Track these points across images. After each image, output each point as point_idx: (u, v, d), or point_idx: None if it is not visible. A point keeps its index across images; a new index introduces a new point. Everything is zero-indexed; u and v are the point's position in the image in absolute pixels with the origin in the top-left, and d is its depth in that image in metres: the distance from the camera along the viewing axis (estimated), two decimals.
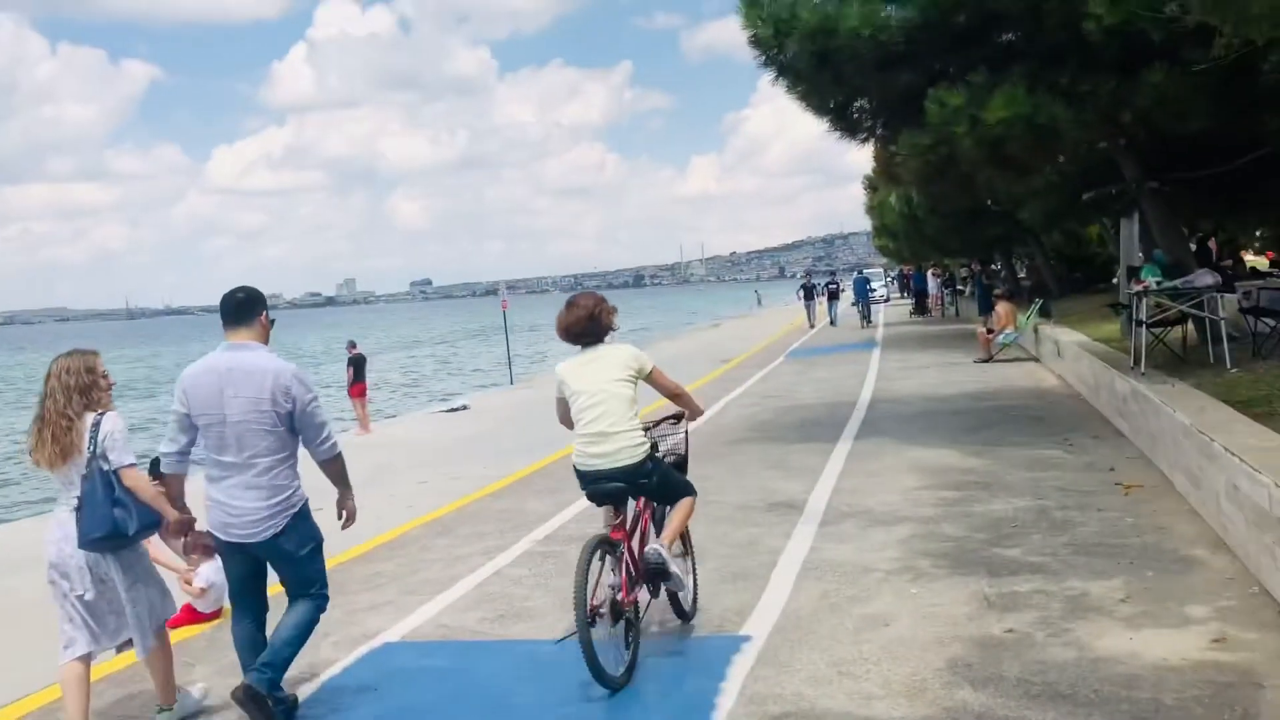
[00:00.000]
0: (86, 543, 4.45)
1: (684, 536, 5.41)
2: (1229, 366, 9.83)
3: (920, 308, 37.97)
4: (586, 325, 5.11)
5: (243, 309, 4.56)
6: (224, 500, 4.45)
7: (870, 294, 35.98)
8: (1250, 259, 28.56)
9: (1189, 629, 4.80)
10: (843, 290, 40.68)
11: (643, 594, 5.07)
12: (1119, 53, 9.94)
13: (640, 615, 5.02)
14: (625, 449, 4.91)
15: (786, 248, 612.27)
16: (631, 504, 5.19)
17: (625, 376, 5.03)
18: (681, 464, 5.48)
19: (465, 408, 20.38)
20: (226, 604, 5.51)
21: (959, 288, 38.86)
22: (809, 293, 36.86)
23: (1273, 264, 25.25)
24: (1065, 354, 14.44)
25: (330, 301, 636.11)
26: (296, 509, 4.52)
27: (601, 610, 4.65)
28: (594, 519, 8.02)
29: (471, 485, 10.30)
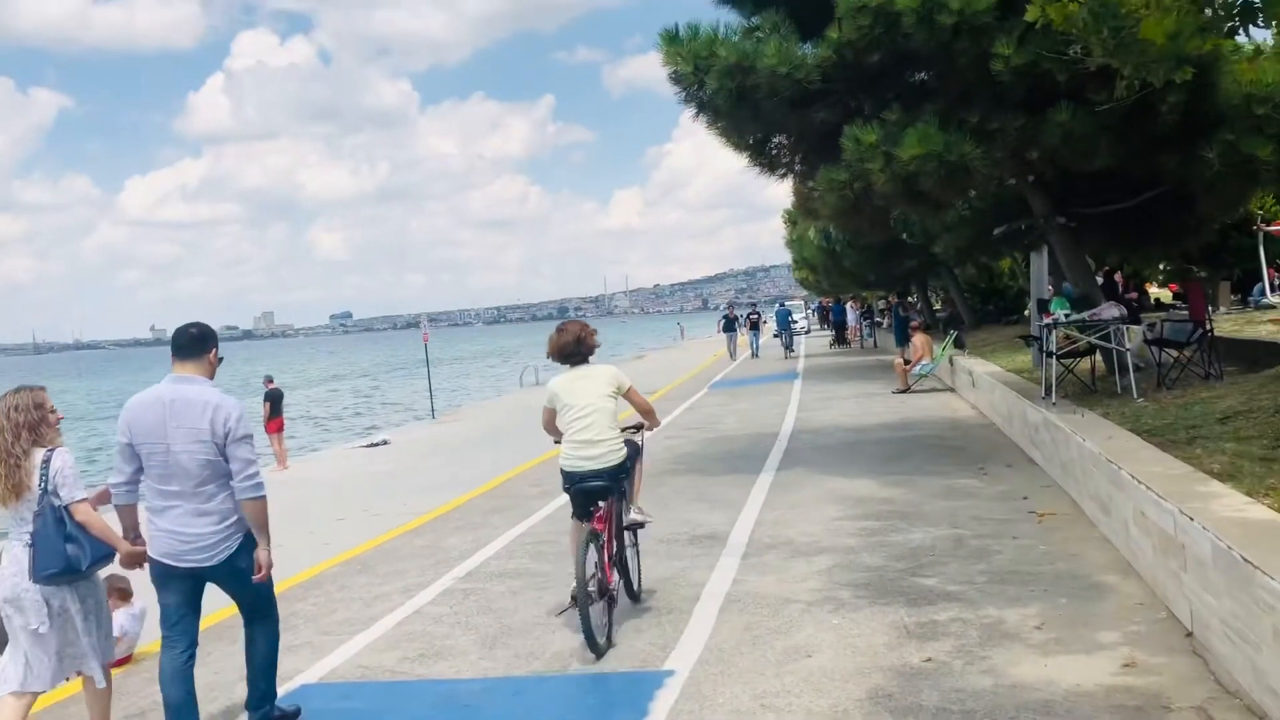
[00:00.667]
0: (41, 578, 4.46)
1: (634, 531, 6.42)
2: (1135, 396, 10.14)
3: (840, 339, 38.56)
4: (575, 347, 6.16)
5: (194, 344, 4.65)
6: (174, 529, 4.47)
7: (792, 325, 36.61)
8: (1154, 291, 29.57)
9: (1100, 654, 4.91)
10: (765, 322, 40.96)
11: (614, 575, 5.94)
12: (1026, 92, 10.27)
13: (616, 595, 5.92)
14: (609, 452, 5.94)
15: (710, 280, 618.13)
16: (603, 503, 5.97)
17: (610, 392, 6.04)
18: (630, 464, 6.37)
19: (386, 443, 20.08)
20: (136, 650, 5.36)
21: (877, 320, 39.55)
22: (730, 325, 36.57)
23: (1175, 296, 26.17)
24: (979, 385, 14.76)
25: (248, 335, 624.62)
26: (246, 530, 4.57)
27: (590, 589, 5.50)
28: (514, 555, 8.00)
29: (391, 522, 10.14)
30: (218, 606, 4.82)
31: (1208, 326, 11.06)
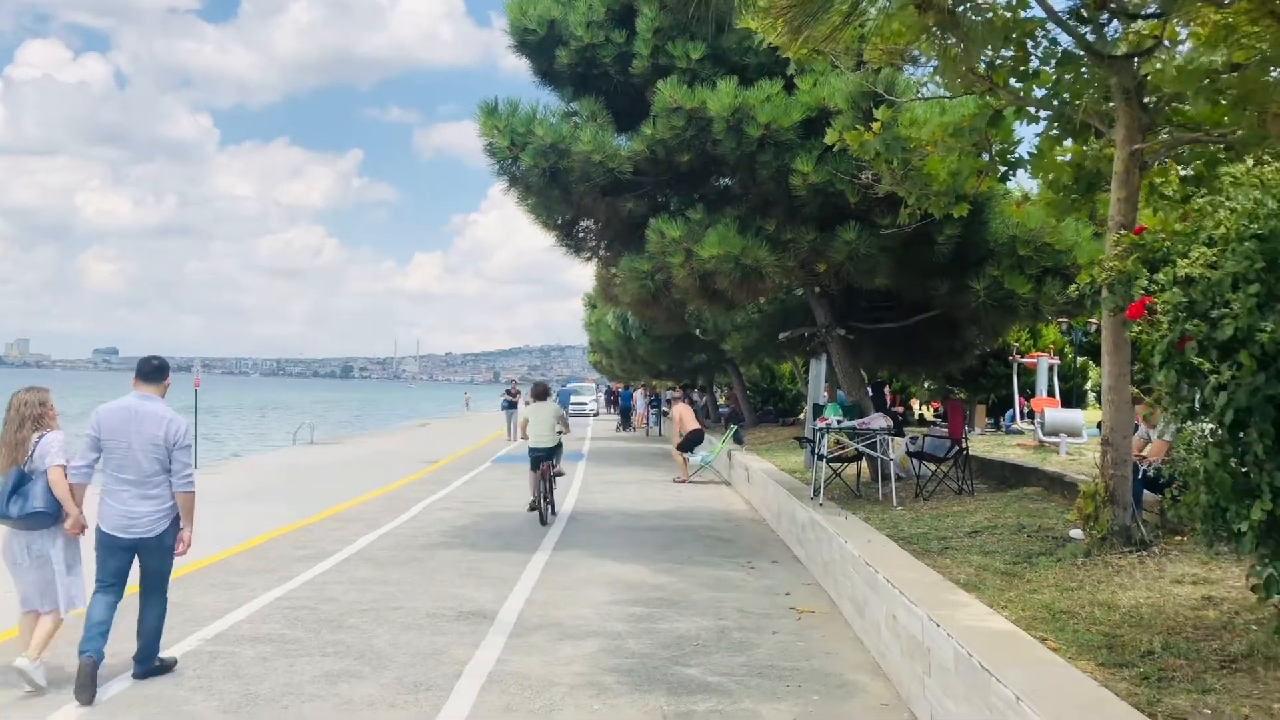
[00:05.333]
0: None
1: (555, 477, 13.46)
2: (895, 504, 10.72)
3: (626, 424, 39.20)
4: (543, 393, 13.77)
5: (156, 372, 6.23)
6: (123, 508, 5.97)
7: (581, 408, 37.46)
8: (918, 407, 31.49)
9: None
10: (528, 402, 40.63)
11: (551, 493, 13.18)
12: (820, 209, 10.91)
13: (551, 499, 13.09)
14: (550, 440, 12.95)
15: (504, 353, 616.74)
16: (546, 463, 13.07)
17: (554, 415, 13.10)
18: (560, 447, 13.44)
19: None
20: None
21: (664, 409, 40.44)
22: (511, 403, 32.57)
23: (936, 414, 27.95)
24: (754, 481, 15.24)
25: None
26: (175, 514, 6.13)
27: (540, 496, 12.67)
28: (269, 619, 7.62)
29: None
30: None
31: (964, 444, 11.85)
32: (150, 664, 6.15)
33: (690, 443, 19.84)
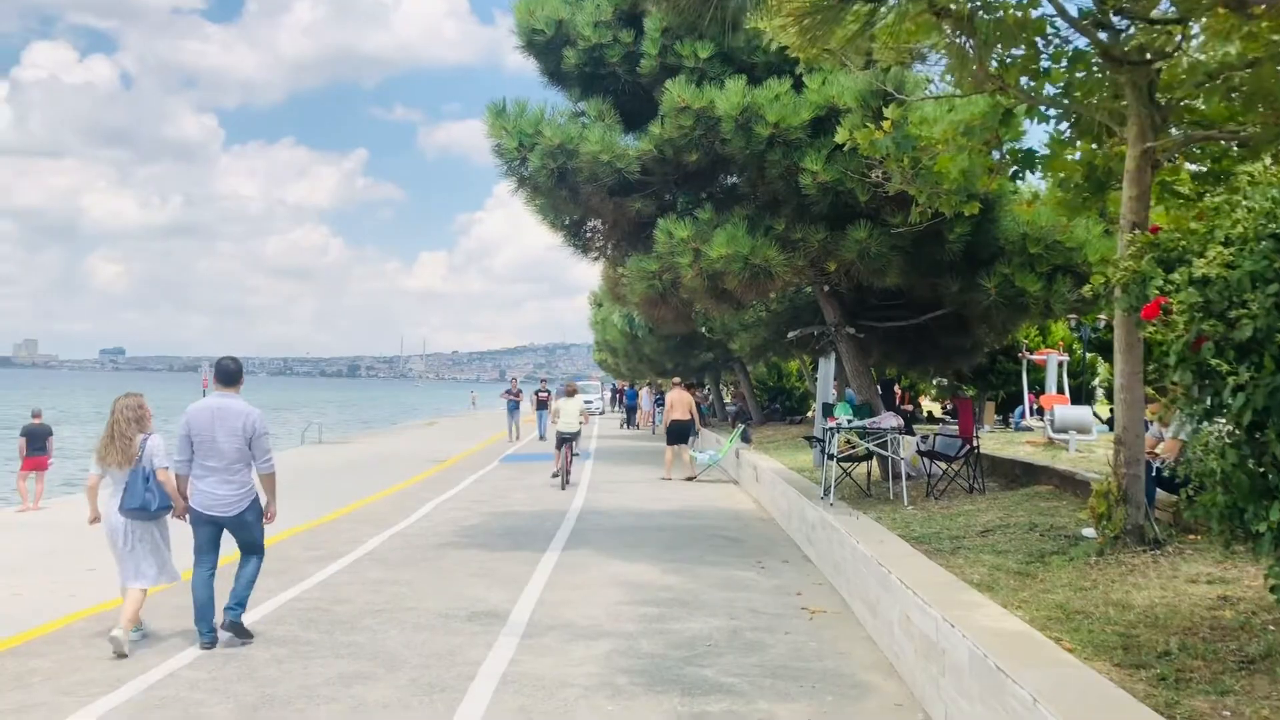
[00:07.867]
0: (125, 511, 6.88)
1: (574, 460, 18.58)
2: (906, 504, 10.70)
3: (631, 421, 39.25)
4: (573, 389, 19.74)
5: (233, 375, 7.23)
6: (208, 490, 6.93)
7: (585, 407, 37.02)
8: (928, 405, 31.45)
9: None
10: (532, 400, 39.48)
11: (570, 466, 18.00)
12: (830, 208, 10.87)
13: (569, 471, 17.80)
14: (575, 427, 18.03)
15: (509, 351, 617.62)
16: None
17: (580, 409, 18.52)
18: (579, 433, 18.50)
19: None
20: None
21: None
22: (515, 404, 31.46)
23: (946, 411, 27.91)
24: (762, 480, 15.23)
25: (5, 362, 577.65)
26: (254, 496, 7.11)
27: (563, 469, 17.58)
28: (283, 621, 7.65)
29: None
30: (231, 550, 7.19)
31: (974, 443, 11.82)
32: (238, 611, 7.04)
33: (676, 434, 19.70)
